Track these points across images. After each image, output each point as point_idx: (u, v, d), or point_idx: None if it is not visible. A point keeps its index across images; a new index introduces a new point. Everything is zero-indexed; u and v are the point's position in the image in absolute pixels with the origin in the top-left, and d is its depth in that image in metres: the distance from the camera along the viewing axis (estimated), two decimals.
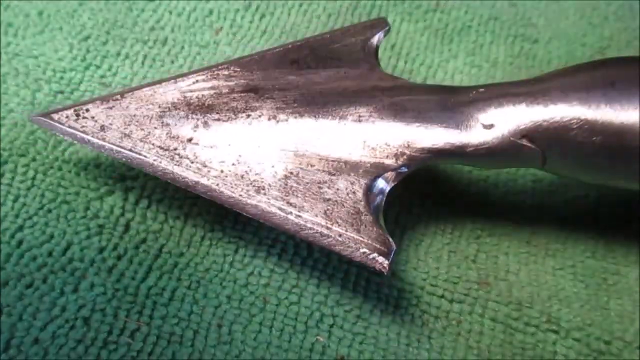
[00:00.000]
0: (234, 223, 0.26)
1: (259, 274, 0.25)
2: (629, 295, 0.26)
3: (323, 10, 0.34)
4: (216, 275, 0.25)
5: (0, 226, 0.24)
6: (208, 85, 0.25)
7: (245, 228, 0.26)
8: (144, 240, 0.25)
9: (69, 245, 0.24)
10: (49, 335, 0.22)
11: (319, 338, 0.24)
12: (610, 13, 0.37)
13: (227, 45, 0.32)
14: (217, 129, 0.24)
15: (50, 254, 0.24)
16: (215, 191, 0.23)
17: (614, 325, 0.25)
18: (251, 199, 0.23)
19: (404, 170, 0.24)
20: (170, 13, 0.32)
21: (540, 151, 0.23)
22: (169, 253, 0.25)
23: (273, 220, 0.22)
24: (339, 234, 0.22)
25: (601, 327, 0.25)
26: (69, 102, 0.28)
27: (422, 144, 0.24)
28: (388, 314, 0.25)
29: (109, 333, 0.22)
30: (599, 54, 0.35)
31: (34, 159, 0.26)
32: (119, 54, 0.30)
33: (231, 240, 0.26)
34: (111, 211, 0.25)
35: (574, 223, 0.29)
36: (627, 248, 0.28)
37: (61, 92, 0.28)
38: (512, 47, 0.35)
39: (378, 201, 0.23)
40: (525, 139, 0.23)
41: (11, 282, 0.23)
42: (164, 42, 0.31)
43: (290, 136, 0.24)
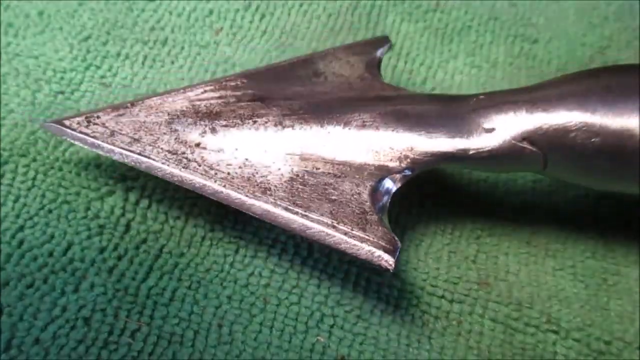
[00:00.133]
0: (234, 223, 0.26)
1: (260, 274, 0.25)
2: (629, 296, 0.26)
3: (323, 11, 0.34)
4: (217, 276, 0.25)
5: (1, 226, 0.24)
6: (216, 95, 0.26)
7: (245, 228, 0.26)
8: (144, 241, 0.25)
9: (69, 246, 0.24)
10: (49, 336, 0.22)
11: (319, 338, 0.24)
12: (610, 13, 0.37)
13: (227, 45, 0.32)
14: (225, 134, 0.24)
15: (51, 254, 0.24)
16: (222, 193, 0.23)
17: (614, 325, 0.25)
18: (258, 200, 0.23)
19: (408, 173, 0.24)
20: (170, 13, 0.32)
21: (542, 154, 0.24)
22: (170, 253, 0.25)
23: (279, 220, 0.23)
24: (345, 233, 0.22)
25: (601, 328, 0.25)
26: (69, 102, 0.28)
27: (425, 147, 0.24)
28: (388, 314, 0.25)
29: (110, 333, 0.22)
30: (599, 54, 0.35)
31: (34, 159, 0.26)
32: (119, 54, 0.30)
33: (232, 240, 0.26)
34: (112, 211, 0.25)
35: (574, 223, 0.29)
36: (627, 248, 0.28)
37: (61, 93, 0.28)
38: (512, 47, 0.35)
39: (383, 202, 0.24)
40: (526, 141, 0.23)
41: (12, 282, 0.23)
42: (164, 43, 0.31)
43: (296, 141, 0.24)
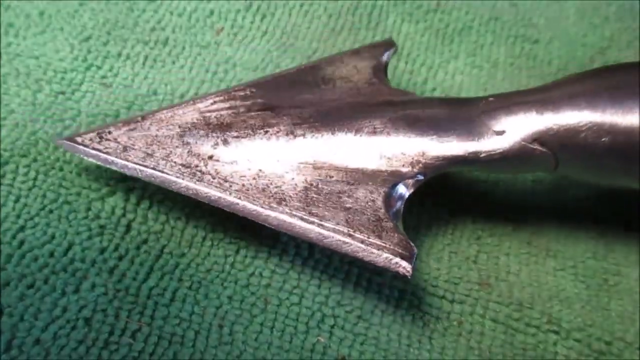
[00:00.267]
0: (235, 224, 0.26)
1: (260, 275, 0.25)
2: (629, 296, 0.26)
3: (324, 11, 0.34)
4: (217, 276, 0.25)
5: (2, 227, 0.24)
6: (226, 105, 0.26)
7: (246, 229, 0.26)
8: (145, 241, 0.25)
9: (70, 246, 0.24)
10: (50, 336, 0.22)
11: (320, 339, 0.24)
12: (611, 13, 0.37)
13: (228, 45, 0.32)
14: (237, 146, 0.25)
15: (51, 254, 0.24)
16: (238, 205, 0.23)
17: (614, 325, 0.25)
18: (273, 211, 0.23)
19: (420, 178, 0.24)
20: (171, 14, 0.32)
21: (552, 154, 0.24)
22: (171, 254, 0.25)
23: (296, 230, 0.23)
24: (362, 241, 0.22)
25: (602, 328, 0.25)
26: (70, 103, 0.28)
27: (437, 152, 0.24)
28: (389, 314, 0.25)
29: (111, 333, 0.22)
30: (599, 54, 0.35)
31: (35, 160, 0.26)
32: (120, 54, 0.30)
33: (232, 240, 0.26)
34: (112, 212, 0.25)
35: (574, 223, 0.29)
36: (628, 248, 0.28)
37: (62, 93, 0.28)
38: (513, 48, 0.35)
39: (397, 208, 0.24)
40: (537, 143, 0.24)
41: (12, 283, 0.23)
42: (165, 43, 0.31)
43: (307, 150, 0.25)
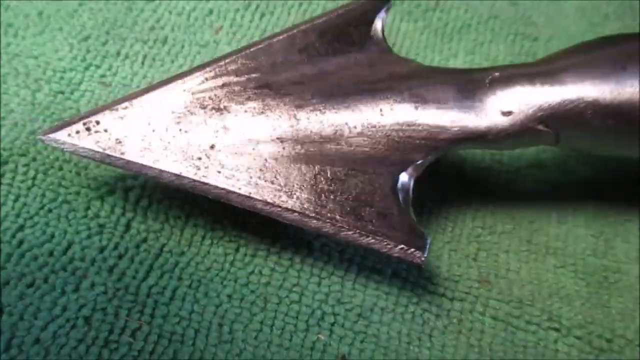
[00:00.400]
0: (235, 222, 0.26)
1: (260, 273, 0.25)
2: (630, 293, 0.26)
3: (323, 10, 0.34)
4: (217, 274, 0.25)
5: (1, 226, 0.24)
6: (218, 83, 0.24)
7: (245, 227, 0.26)
8: (144, 240, 0.25)
9: (69, 245, 0.24)
10: (50, 335, 0.22)
11: (320, 336, 0.24)
12: (611, 12, 0.37)
13: (227, 44, 0.32)
14: (238, 133, 0.23)
15: (51, 253, 0.24)
16: (250, 200, 0.22)
17: (615, 323, 0.25)
18: (285, 205, 0.22)
19: (427, 161, 0.24)
20: (170, 12, 0.32)
21: (555, 133, 0.25)
22: (170, 252, 0.25)
23: (308, 224, 0.22)
24: (374, 232, 0.22)
25: (602, 325, 0.25)
26: (69, 102, 0.28)
27: (445, 134, 0.24)
28: (389, 312, 0.25)
29: (110, 332, 0.22)
30: None
31: (34, 159, 0.26)
32: (118, 53, 0.30)
33: (232, 239, 0.26)
34: (112, 211, 0.25)
35: (574, 221, 0.29)
36: (628, 246, 0.28)
37: (61, 92, 0.28)
38: (512, 46, 0.35)
39: (406, 193, 0.24)
40: (542, 124, 0.24)
41: (12, 282, 0.23)
42: (164, 42, 0.31)
43: (313, 136, 0.24)
